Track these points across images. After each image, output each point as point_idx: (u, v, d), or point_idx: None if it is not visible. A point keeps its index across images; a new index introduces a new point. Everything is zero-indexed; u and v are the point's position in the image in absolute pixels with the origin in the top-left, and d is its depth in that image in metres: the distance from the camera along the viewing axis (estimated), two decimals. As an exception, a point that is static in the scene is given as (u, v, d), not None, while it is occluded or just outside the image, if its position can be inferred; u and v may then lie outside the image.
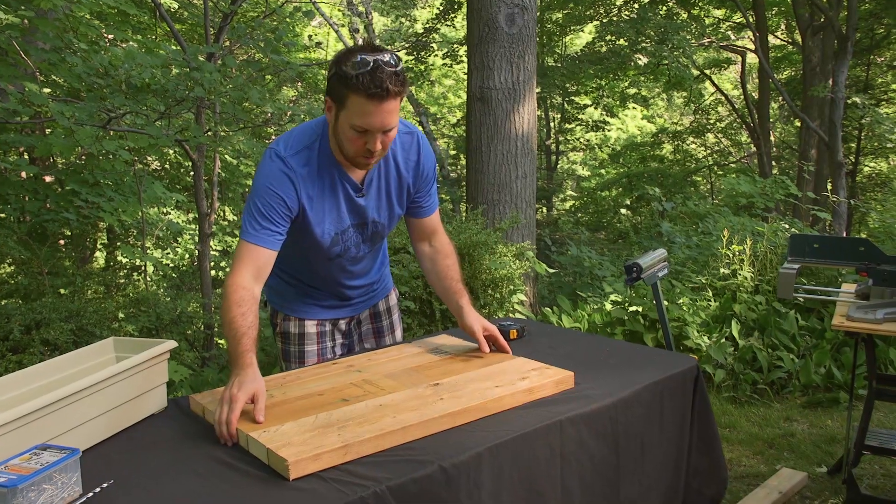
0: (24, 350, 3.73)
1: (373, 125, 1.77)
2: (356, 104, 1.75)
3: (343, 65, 1.74)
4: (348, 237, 2.05)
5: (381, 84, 1.71)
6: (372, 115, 1.75)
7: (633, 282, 2.60)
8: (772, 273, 4.54)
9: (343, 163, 1.94)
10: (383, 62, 1.72)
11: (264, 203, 1.86)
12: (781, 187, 7.99)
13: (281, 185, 1.87)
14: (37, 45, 4.82)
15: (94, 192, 5.43)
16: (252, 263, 1.85)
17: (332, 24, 13.93)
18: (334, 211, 1.98)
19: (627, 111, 17.45)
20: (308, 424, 1.59)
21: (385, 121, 1.77)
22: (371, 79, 1.70)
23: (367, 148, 1.82)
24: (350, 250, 2.08)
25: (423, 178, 2.09)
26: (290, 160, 1.89)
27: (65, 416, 1.52)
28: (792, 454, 3.15)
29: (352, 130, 1.79)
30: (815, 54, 12.22)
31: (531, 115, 6.21)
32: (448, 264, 2.19)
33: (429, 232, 2.20)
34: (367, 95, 1.72)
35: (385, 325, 2.38)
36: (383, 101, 1.73)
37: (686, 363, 2.03)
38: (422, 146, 2.07)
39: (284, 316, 2.26)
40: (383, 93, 1.72)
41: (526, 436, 1.64)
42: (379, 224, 2.09)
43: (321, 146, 1.93)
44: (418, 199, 2.12)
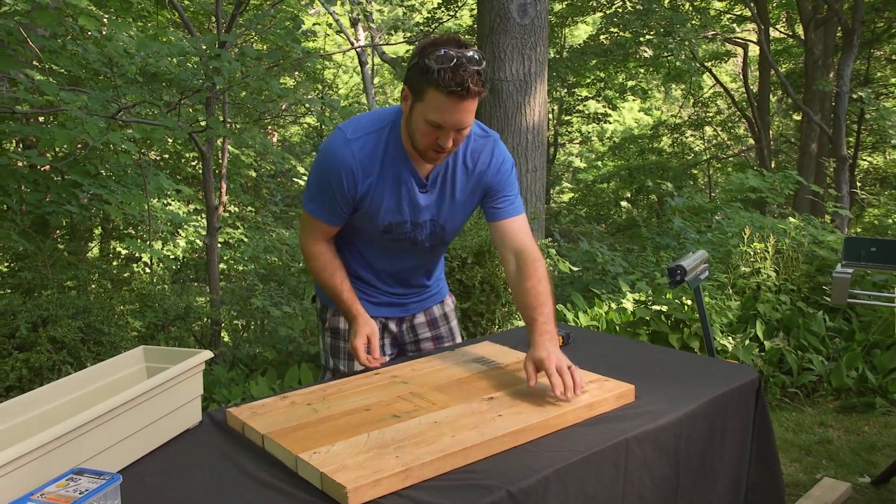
0: (30, 348, 3.61)
1: (448, 122, 1.71)
2: (434, 99, 1.69)
3: (426, 57, 1.67)
4: (404, 231, 1.99)
5: (463, 83, 1.64)
6: (449, 112, 1.69)
7: (677, 285, 2.49)
8: (795, 272, 4.45)
9: (411, 155, 1.88)
10: (467, 59, 1.65)
11: (324, 181, 1.89)
12: (791, 182, 7.92)
13: (340, 167, 1.85)
14: (36, 31, 4.67)
15: (96, 184, 5.29)
16: (321, 233, 2.00)
17: (332, 13, 13.75)
18: (393, 201, 1.93)
19: (625, 103, 17.35)
20: (361, 444, 1.47)
21: (461, 119, 1.72)
22: (453, 76, 1.64)
23: (439, 143, 1.76)
24: (405, 242, 2.02)
25: (500, 175, 1.99)
26: (354, 144, 1.86)
27: (99, 436, 1.40)
28: (831, 462, 3.06)
29: (426, 124, 1.74)
30: (818, 47, 12.13)
31: (542, 108, 6.09)
32: (528, 287, 1.89)
33: (512, 245, 1.99)
34: (447, 92, 1.66)
35: (444, 331, 2.29)
36: (463, 100, 1.67)
37: (748, 374, 1.92)
38: (496, 151, 1.99)
39: (334, 311, 2.19)
40: (464, 91, 1.65)
41: (592, 456, 1.53)
42: (438, 224, 2.01)
43: (391, 134, 1.88)
44: (494, 199, 2.01)
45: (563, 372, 1.69)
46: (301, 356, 4.16)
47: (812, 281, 4.46)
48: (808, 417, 3.58)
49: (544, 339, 1.78)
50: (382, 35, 14.36)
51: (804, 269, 4.50)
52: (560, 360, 1.72)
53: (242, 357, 4.45)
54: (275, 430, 1.56)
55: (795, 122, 16.52)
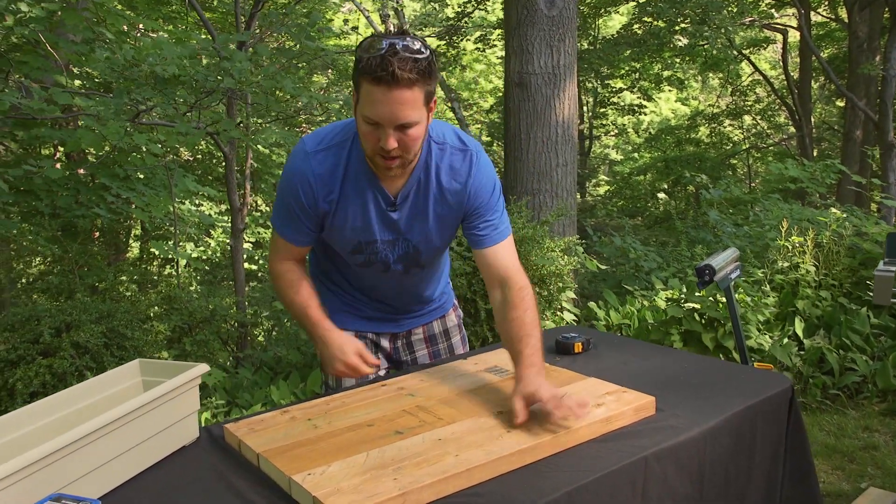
0: (54, 353, 3.61)
1: (380, 115, 1.55)
2: (365, 91, 1.55)
3: (360, 48, 1.55)
4: (374, 251, 1.84)
5: (387, 67, 1.49)
6: (379, 103, 1.53)
7: (706, 285, 2.36)
8: (837, 266, 4.25)
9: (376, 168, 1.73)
10: (399, 46, 1.51)
11: (285, 199, 1.78)
12: (832, 171, 7.65)
13: (299, 183, 1.74)
14: (67, 37, 4.69)
15: (125, 187, 5.31)
16: (289, 254, 1.88)
17: (363, 10, 13.73)
18: (359, 220, 1.78)
19: (661, 94, 17.02)
20: (359, 465, 1.39)
21: (395, 112, 1.54)
22: (380, 62, 1.50)
23: (381, 145, 1.59)
24: (377, 265, 1.88)
25: (476, 201, 1.80)
26: (312, 158, 1.73)
27: (86, 456, 1.34)
28: (877, 470, 2.90)
29: (364, 122, 1.59)
30: (862, 30, 11.72)
31: (572, 101, 5.95)
32: (513, 317, 1.73)
33: (497, 272, 1.81)
34: (374, 79, 1.51)
35: (442, 348, 2.14)
36: (391, 87, 1.51)
37: (780, 384, 1.79)
38: (475, 166, 1.78)
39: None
40: (388, 77, 1.50)
41: (607, 476, 1.42)
42: (410, 245, 1.85)
43: (353, 148, 1.73)
44: (472, 224, 1.82)
45: (559, 400, 1.53)
46: (324, 359, 4.10)
47: (855, 275, 4.26)
48: (851, 421, 3.40)
49: (531, 373, 1.62)
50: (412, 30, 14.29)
51: (846, 263, 4.30)
52: (551, 390, 1.57)
53: (268, 359, 4.41)
54: (270, 449, 1.48)
55: (839, 109, 16.04)
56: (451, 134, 1.80)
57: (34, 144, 6.24)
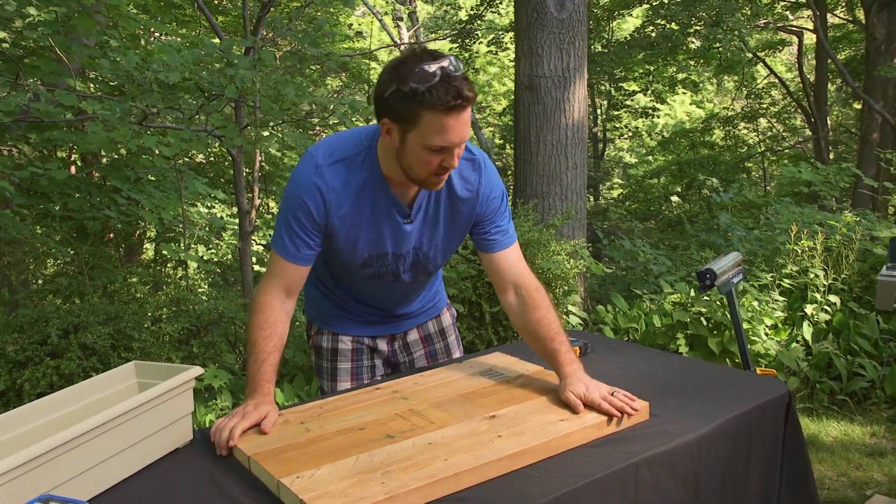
0: (61, 355, 3.64)
1: (452, 141, 1.57)
2: (432, 121, 1.54)
3: (406, 80, 1.51)
4: (385, 263, 1.84)
5: (460, 93, 1.51)
6: (451, 129, 1.55)
7: (707, 290, 2.35)
8: (847, 271, 4.21)
9: (393, 181, 1.73)
10: (449, 68, 1.52)
11: (294, 214, 1.71)
12: (846, 174, 7.58)
13: (310, 198, 1.69)
14: (81, 41, 4.73)
15: (136, 189, 5.34)
16: (283, 280, 1.75)
17: (376, 13, 13.77)
18: (372, 233, 1.77)
19: (676, 97, 16.93)
20: (348, 468, 1.39)
21: (463, 133, 1.58)
22: (446, 90, 1.50)
23: (443, 166, 1.61)
24: (386, 276, 1.87)
25: (488, 203, 1.82)
26: (325, 171, 1.69)
27: (79, 457, 1.35)
28: (884, 478, 2.86)
29: (426, 151, 1.58)
30: (880, 32, 11.60)
31: (582, 104, 5.94)
32: (539, 317, 1.78)
33: (509, 277, 1.84)
34: (447, 109, 1.52)
35: (439, 347, 2.15)
36: (463, 111, 1.54)
37: (776, 389, 1.78)
38: (484, 173, 1.81)
39: (318, 329, 2.09)
40: (463, 102, 1.52)
41: (597, 481, 1.42)
42: (422, 253, 1.86)
43: (366, 160, 1.72)
44: (483, 230, 1.84)
45: (610, 398, 1.62)
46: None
47: (865, 280, 4.22)
48: (858, 427, 3.37)
49: (574, 370, 1.72)
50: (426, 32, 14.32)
51: (857, 268, 4.26)
52: (600, 387, 1.66)
53: (274, 362, 4.42)
54: (261, 452, 1.49)
55: (856, 112, 15.89)
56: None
57: (48, 147, 6.30)
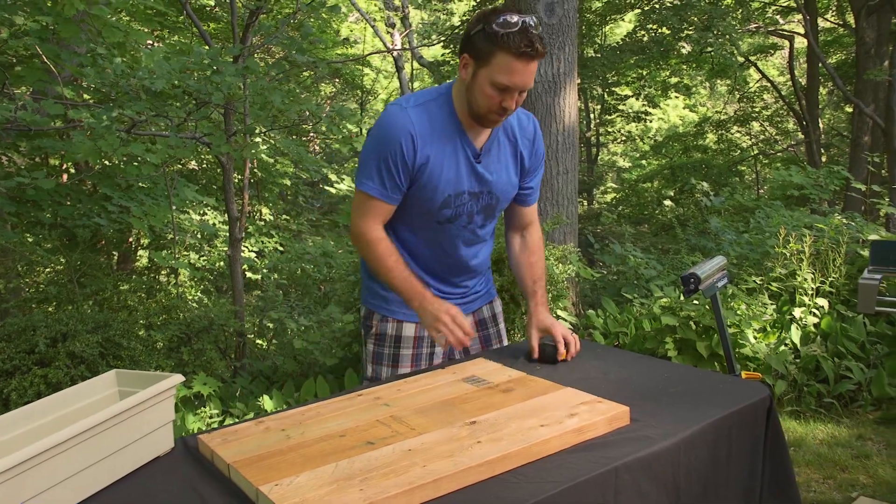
0: (49, 363, 3.63)
1: (515, 83, 1.81)
2: (503, 61, 1.79)
3: (491, 23, 1.78)
4: (462, 202, 2.03)
5: (532, 44, 1.77)
6: (517, 73, 1.79)
7: (691, 294, 2.35)
8: (835, 274, 4.23)
9: (466, 124, 1.95)
10: (530, 23, 1.78)
11: (382, 153, 1.91)
12: (837, 177, 7.61)
13: (400, 135, 1.90)
14: (72, 49, 4.72)
15: (127, 196, 5.34)
16: (380, 216, 1.99)
17: (368, 19, 13.80)
18: (452, 172, 1.97)
19: (669, 101, 16.99)
20: (327, 476, 1.39)
21: (527, 80, 1.82)
22: (521, 38, 1.76)
23: (503, 105, 1.84)
24: (461, 217, 2.05)
25: (536, 158, 2.12)
26: (411, 112, 1.92)
27: (57, 466, 1.35)
28: (869, 480, 2.87)
29: (492, 87, 1.82)
30: (870, 36, 11.66)
31: (573, 109, 5.95)
32: (532, 261, 2.17)
33: (525, 223, 2.20)
34: (518, 54, 1.77)
35: (492, 332, 2.30)
36: (531, 60, 1.79)
37: (758, 393, 1.79)
38: (537, 129, 2.13)
39: (382, 317, 2.19)
40: (532, 52, 1.78)
41: (576, 487, 1.42)
42: (494, 195, 2.07)
43: (444, 105, 1.95)
44: (528, 183, 2.13)
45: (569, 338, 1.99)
46: (319, 368, 4.12)
47: (852, 283, 4.23)
48: (845, 430, 3.38)
49: (544, 309, 2.07)
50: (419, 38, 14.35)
51: (844, 271, 4.28)
52: (562, 327, 2.00)
53: (265, 369, 4.42)
54: (241, 459, 1.49)
55: (847, 115, 15.95)
56: None
57: (39, 155, 6.30)
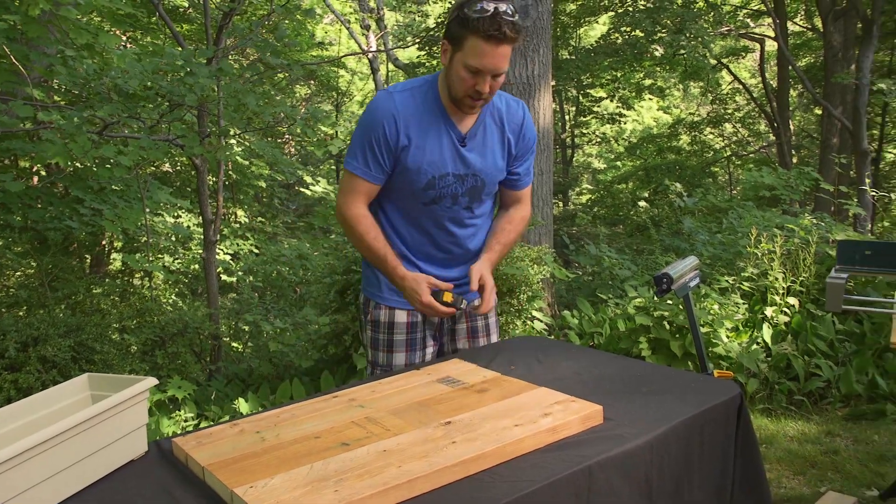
0: (20, 368, 3.58)
1: (486, 66, 1.89)
2: (474, 45, 1.88)
3: (465, 8, 1.87)
4: (446, 184, 2.10)
5: (500, 28, 1.84)
6: (487, 55, 1.88)
7: (664, 294, 2.38)
8: (805, 273, 4.30)
9: (450, 110, 2.05)
10: (502, 10, 1.85)
11: (367, 135, 2.03)
12: (807, 178, 7.73)
13: (383, 116, 2.01)
14: (42, 50, 4.66)
15: (99, 199, 5.27)
16: (363, 195, 2.09)
17: (343, 21, 13.76)
18: (436, 154, 2.06)
19: (643, 102, 17.12)
20: (301, 477, 1.39)
21: (497, 64, 1.90)
22: (491, 22, 1.84)
23: (477, 89, 1.93)
24: (446, 199, 2.13)
25: (524, 143, 2.18)
26: (396, 96, 2.04)
27: (28, 471, 1.33)
28: (837, 474, 2.92)
29: (465, 70, 1.92)
30: (837, 40, 11.86)
31: (547, 110, 5.98)
32: (503, 226, 2.23)
33: (514, 199, 2.27)
34: (486, 37, 1.85)
35: (480, 325, 2.34)
36: (500, 44, 1.87)
37: (729, 391, 1.81)
38: (526, 115, 2.18)
39: (376, 304, 2.28)
40: (500, 36, 1.85)
41: (550, 486, 1.43)
42: (479, 178, 2.13)
43: (430, 91, 2.06)
44: (517, 169, 2.20)
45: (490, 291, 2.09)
46: (295, 371, 4.10)
47: (822, 282, 4.30)
48: (814, 426, 3.44)
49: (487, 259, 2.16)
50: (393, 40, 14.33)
51: (814, 270, 4.35)
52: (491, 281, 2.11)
53: (240, 372, 4.40)
54: (216, 462, 1.48)
55: (817, 117, 16.18)
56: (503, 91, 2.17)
57: (7, 157, 6.20)
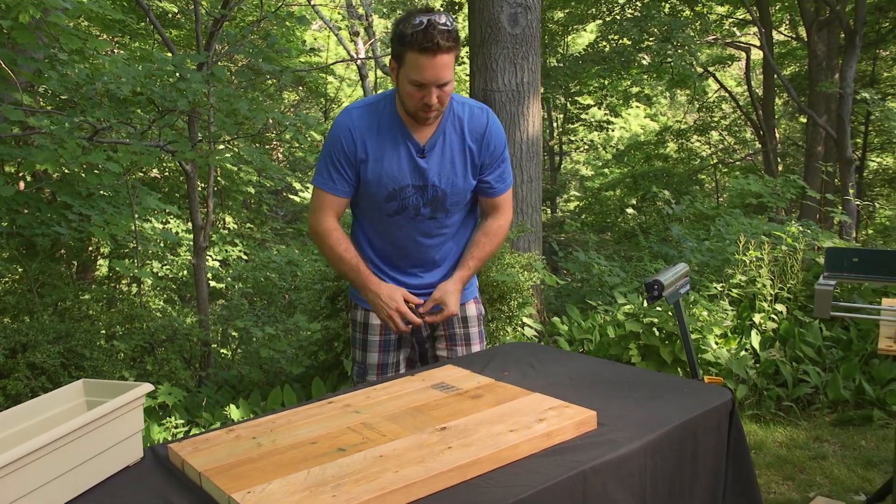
0: (8, 375, 3.56)
1: (427, 79, 1.93)
2: (412, 60, 1.93)
3: (401, 25, 1.93)
4: (406, 196, 2.14)
5: (433, 39, 1.88)
6: (426, 68, 1.92)
7: (654, 300, 2.40)
8: (792, 280, 4.34)
9: (408, 123, 2.09)
10: (436, 21, 1.89)
11: (329, 150, 2.11)
12: (793, 186, 7.80)
13: (341, 131, 2.09)
14: (28, 54, 4.64)
15: (87, 205, 5.24)
16: (331, 209, 2.16)
17: (332, 28, 13.77)
18: (393, 166, 2.10)
19: (630, 110, 17.23)
20: (299, 483, 1.40)
21: (438, 74, 1.93)
22: (424, 35, 1.88)
23: (425, 102, 1.97)
24: (408, 210, 2.16)
25: (490, 151, 2.18)
26: (353, 112, 2.12)
27: (23, 478, 1.33)
28: (825, 479, 2.95)
29: (410, 85, 1.96)
30: (821, 49, 12.00)
31: (536, 118, 6.02)
32: (478, 239, 2.25)
33: (491, 207, 2.27)
34: (421, 50, 1.89)
35: (459, 333, 2.37)
36: (435, 55, 1.90)
37: (720, 396, 1.83)
38: (491, 121, 2.18)
39: (354, 304, 2.36)
40: (434, 47, 1.89)
41: (545, 490, 1.44)
42: (439, 189, 2.15)
43: (387, 106, 2.11)
44: (487, 178, 2.20)
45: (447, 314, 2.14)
46: (286, 377, 4.10)
47: (809, 288, 4.35)
48: (802, 432, 3.47)
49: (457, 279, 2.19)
50: (382, 47, 14.36)
51: (801, 277, 4.40)
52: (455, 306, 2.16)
53: (230, 378, 4.38)
54: (212, 468, 1.48)
55: (802, 125, 16.34)
56: (469, 99, 2.21)
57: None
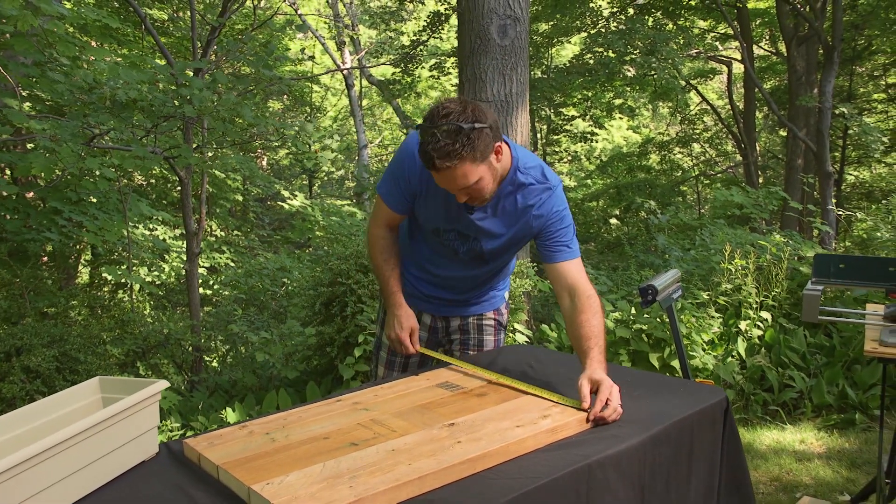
0: (3, 378, 3.56)
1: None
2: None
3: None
4: (449, 239, 2.19)
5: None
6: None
7: (648, 305, 2.48)
8: (777, 288, 4.44)
9: None
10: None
11: (395, 169, 2.13)
12: (775, 198, 7.94)
13: (406, 158, 2.09)
14: (17, 59, 4.65)
15: (78, 210, 5.25)
16: (384, 218, 2.24)
17: (319, 37, 13.82)
18: (441, 211, 2.12)
19: (613, 122, 17.41)
20: (315, 475, 1.45)
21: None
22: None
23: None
24: (448, 248, 2.22)
25: (545, 228, 2.10)
26: None
27: (44, 472, 1.36)
28: (811, 480, 3.03)
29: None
30: (800, 64, 12.23)
31: (525, 128, 6.10)
32: (582, 320, 1.99)
33: (565, 283, 2.09)
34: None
35: (472, 340, 2.41)
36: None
37: (715, 396, 1.90)
38: (548, 201, 2.09)
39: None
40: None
41: (552, 483, 1.50)
42: (478, 243, 2.17)
43: None
44: (544, 243, 2.13)
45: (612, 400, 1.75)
46: (279, 382, 4.13)
47: (793, 297, 4.46)
48: (788, 435, 3.56)
49: (598, 366, 1.87)
50: (368, 57, 14.43)
51: (785, 286, 4.50)
52: (613, 387, 1.78)
53: (223, 383, 4.40)
54: (230, 461, 1.53)
55: (782, 138, 16.60)
56: (538, 167, 2.10)
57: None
